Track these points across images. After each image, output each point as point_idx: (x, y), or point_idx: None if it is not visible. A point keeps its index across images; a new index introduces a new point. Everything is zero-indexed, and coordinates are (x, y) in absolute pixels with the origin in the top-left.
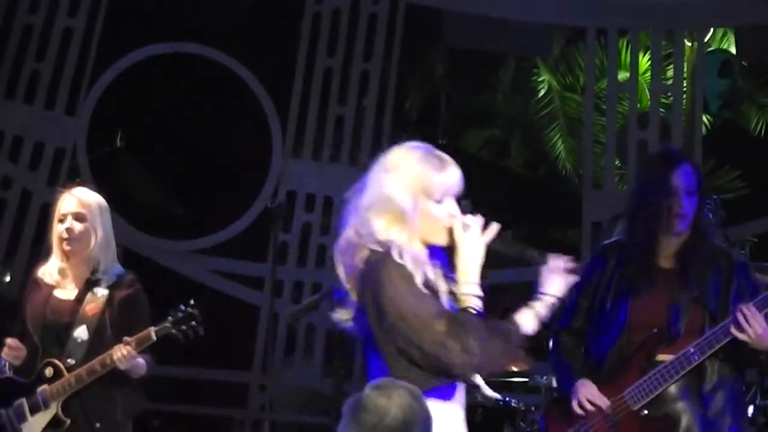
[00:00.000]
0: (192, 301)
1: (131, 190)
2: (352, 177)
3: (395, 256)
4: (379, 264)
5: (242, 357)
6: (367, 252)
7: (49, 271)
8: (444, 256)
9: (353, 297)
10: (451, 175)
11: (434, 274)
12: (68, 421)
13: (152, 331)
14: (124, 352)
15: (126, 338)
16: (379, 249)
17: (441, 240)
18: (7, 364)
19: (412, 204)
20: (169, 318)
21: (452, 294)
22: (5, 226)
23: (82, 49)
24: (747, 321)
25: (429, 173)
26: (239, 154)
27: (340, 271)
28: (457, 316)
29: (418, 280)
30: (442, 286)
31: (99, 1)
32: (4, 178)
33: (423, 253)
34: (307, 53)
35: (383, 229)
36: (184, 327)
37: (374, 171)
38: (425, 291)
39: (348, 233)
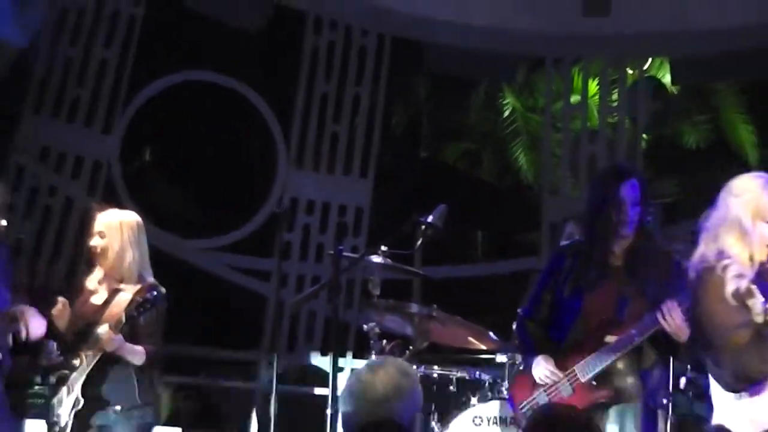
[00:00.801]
0: (154, 291)
1: (158, 197)
2: (346, 185)
3: (729, 271)
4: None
5: (253, 338)
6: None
7: (92, 278)
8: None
9: None
10: None
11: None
12: (82, 400)
13: (122, 315)
14: (105, 336)
15: (107, 324)
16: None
17: (763, 256)
18: (55, 345)
19: (752, 225)
20: (134, 305)
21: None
22: (51, 230)
23: (116, 76)
24: (669, 314)
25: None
26: (250, 166)
27: None
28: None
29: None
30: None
31: (130, 35)
32: (50, 188)
33: (749, 269)
34: (307, 80)
35: (730, 245)
36: (141, 309)
37: (723, 194)
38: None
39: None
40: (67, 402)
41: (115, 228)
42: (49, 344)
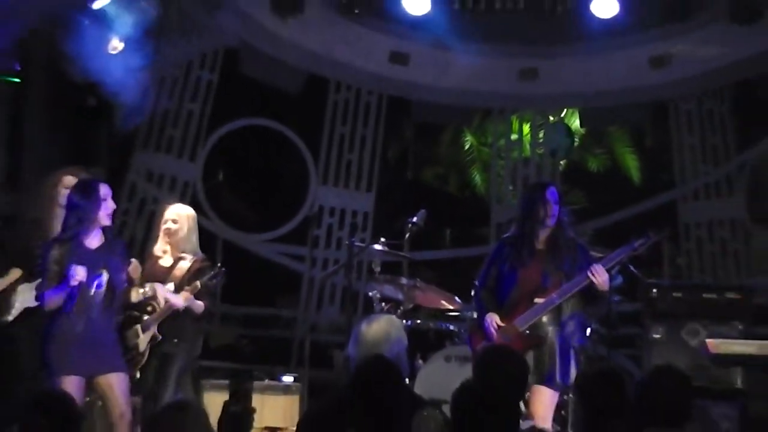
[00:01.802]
0: (218, 266)
1: (228, 206)
2: (356, 197)
3: None
4: None
5: (292, 302)
6: None
7: (157, 248)
8: None
9: None
10: None
11: None
12: (160, 336)
13: (198, 284)
14: (185, 294)
15: (186, 288)
16: None
17: None
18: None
19: None
20: (206, 276)
21: None
22: (154, 228)
23: (199, 121)
24: (596, 273)
25: None
26: (290, 183)
27: None
28: None
29: None
30: None
31: (209, 93)
32: (153, 198)
33: None
34: (329, 124)
35: None
36: (213, 280)
37: None
38: None
39: None
40: (144, 337)
41: (184, 217)
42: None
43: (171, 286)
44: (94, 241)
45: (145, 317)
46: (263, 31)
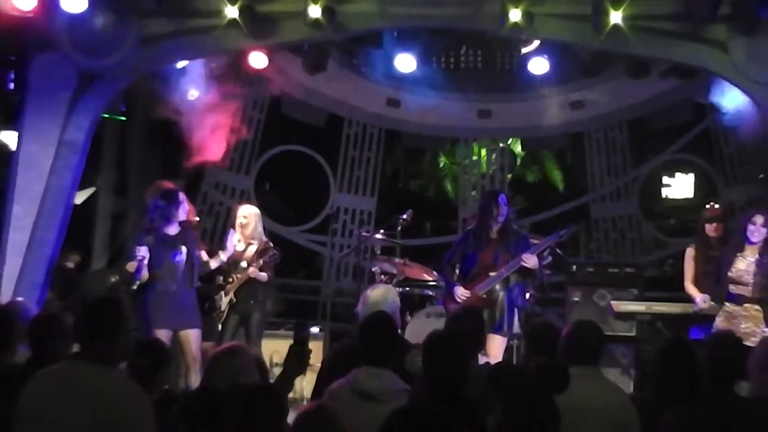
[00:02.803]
0: (275, 248)
1: (273, 207)
2: (364, 200)
3: None
4: None
5: (317, 275)
6: None
7: (234, 238)
8: None
9: None
10: None
11: None
12: (235, 299)
13: (261, 261)
14: (252, 269)
15: (253, 264)
16: None
17: None
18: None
19: None
20: (267, 255)
21: None
22: (219, 224)
23: (252, 147)
24: (528, 258)
25: None
26: (316, 191)
27: None
28: None
29: None
30: None
31: (258, 127)
32: (219, 202)
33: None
34: (344, 149)
35: None
36: (273, 256)
37: None
38: None
39: None
40: (225, 300)
41: (252, 214)
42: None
43: (244, 263)
44: (173, 230)
45: (227, 286)
46: (297, 83)
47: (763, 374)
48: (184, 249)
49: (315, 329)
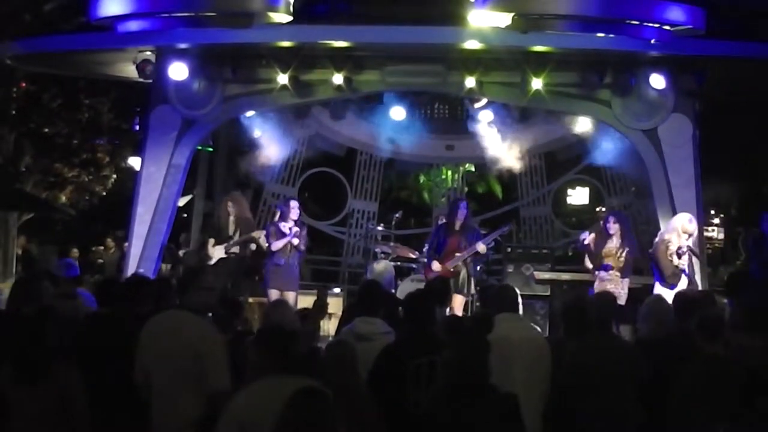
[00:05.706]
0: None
1: (311, 208)
2: (369, 204)
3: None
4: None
5: (338, 253)
6: None
7: (285, 225)
8: None
9: None
10: None
11: None
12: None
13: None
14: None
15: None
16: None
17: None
18: (294, 235)
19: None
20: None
21: None
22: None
23: (295, 170)
24: (479, 247)
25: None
26: (338, 197)
27: None
28: None
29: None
30: None
31: (300, 156)
32: (275, 205)
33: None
34: (358, 170)
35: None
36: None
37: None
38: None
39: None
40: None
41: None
42: None
43: (295, 240)
44: (289, 222)
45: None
46: (325, 126)
47: (644, 323)
48: (295, 230)
49: (337, 290)
